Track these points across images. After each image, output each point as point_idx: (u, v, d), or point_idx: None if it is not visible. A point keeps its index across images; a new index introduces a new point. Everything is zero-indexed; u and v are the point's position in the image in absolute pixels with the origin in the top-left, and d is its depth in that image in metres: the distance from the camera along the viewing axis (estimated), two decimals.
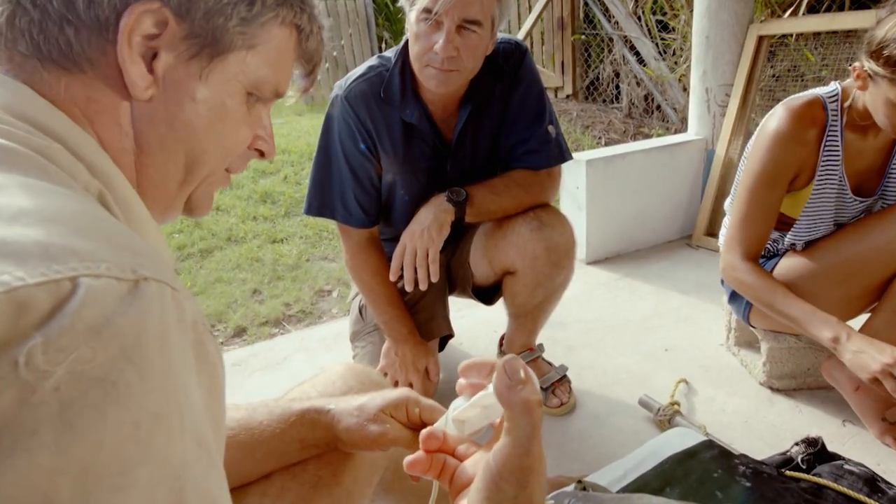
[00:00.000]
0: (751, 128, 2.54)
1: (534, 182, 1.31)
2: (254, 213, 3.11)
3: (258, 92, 0.50)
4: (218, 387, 0.36)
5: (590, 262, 2.38)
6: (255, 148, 0.55)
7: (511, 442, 0.39)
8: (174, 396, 0.29)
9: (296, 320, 2.15)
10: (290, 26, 0.50)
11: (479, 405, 0.45)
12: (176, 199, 0.51)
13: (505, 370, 0.39)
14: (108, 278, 0.28)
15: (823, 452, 1.14)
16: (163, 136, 0.46)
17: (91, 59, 0.42)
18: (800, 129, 1.23)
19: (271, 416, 0.67)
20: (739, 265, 1.31)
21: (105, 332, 0.27)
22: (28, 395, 0.24)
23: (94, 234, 0.31)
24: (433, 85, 1.16)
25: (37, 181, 0.33)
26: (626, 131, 4.28)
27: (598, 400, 1.50)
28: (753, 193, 1.29)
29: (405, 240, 1.24)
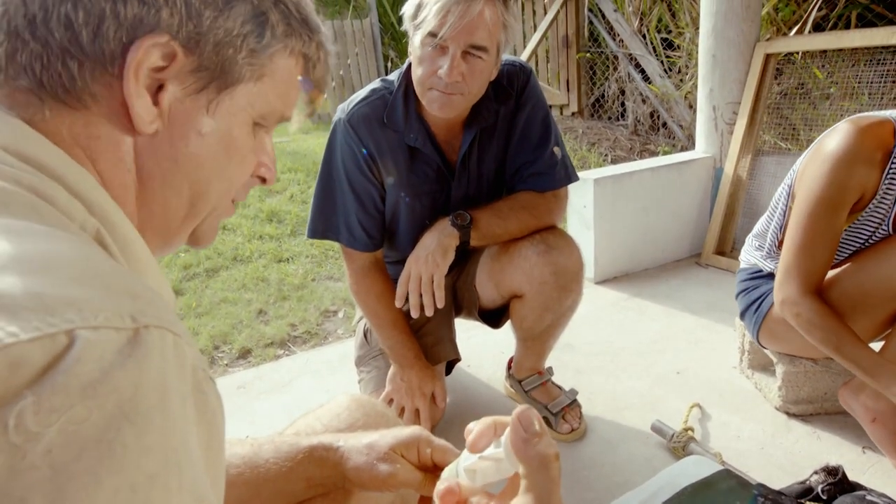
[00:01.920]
0: (759, 145, 2.52)
1: (540, 204, 1.29)
2: (260, 233, 3.11)
3: (264, 121, 0.49)
4: (217, 436, 0.34)
5: (598, 281, 2.36)
6: (257, 175, 0.54)
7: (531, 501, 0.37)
8: (172, 455, 0.28)
9: (301, 341, 2.13)
10: (297, 55, 0.49)
11: (490, 459, 0.43)
12: (179, 233, 0.50)
13: (519, 422, 0.38)
14: (106, 329, 0.27)
15: (844, 482, 1.10)
16: (166, 171, 0.45)
17: (94, 94, 0.41)
18: (869, 148, 1.14)
19: (278, 454, 0.65)
20: (801, 301, 1.20)
21: (101, 389, 0.25)
22: (17, 460, 0.23)
23: (90, 281, 0.30)
24: (436, 108, 1.15)
25: (29, 223, 0.32)
26: (633, 148, 4.27)
27: (609, 425, 1.46)
28: (815, 219, 1.19)
29: (410, 265, 1.22)
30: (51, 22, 0.38)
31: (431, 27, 1.06)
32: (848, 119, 1.19)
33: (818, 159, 1.20)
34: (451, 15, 1.03)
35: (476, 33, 1.07)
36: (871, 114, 1.20)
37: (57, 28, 0.39)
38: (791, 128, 3.02)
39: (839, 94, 2.91)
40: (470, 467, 0.46)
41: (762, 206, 2.42)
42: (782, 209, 1.34)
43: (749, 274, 1.46)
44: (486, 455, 0.44)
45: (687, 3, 3.66)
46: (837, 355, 1.18)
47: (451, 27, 1.04)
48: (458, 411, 1.51)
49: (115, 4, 0.39)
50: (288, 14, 0.47)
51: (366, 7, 6.76)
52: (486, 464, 0.44)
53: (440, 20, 1.05)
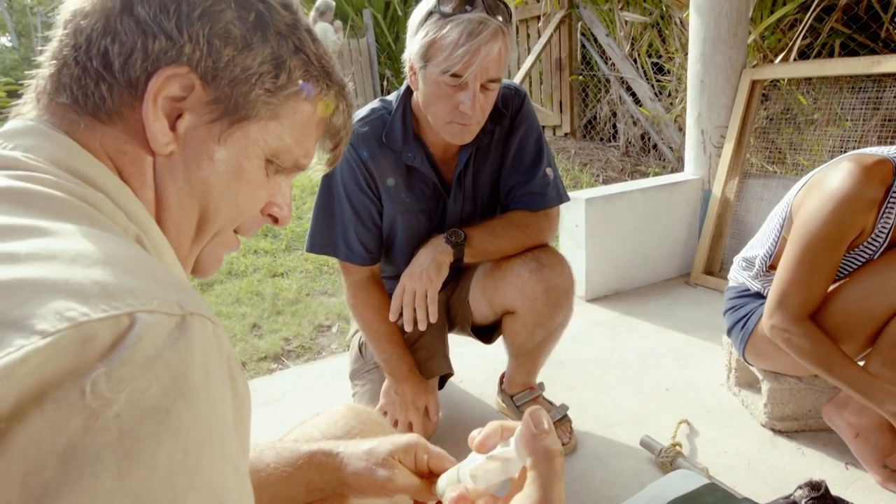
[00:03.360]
0: (746, 168, 2.58)
1: (532, 223, 1.33)
2: (255, 247, 3.13)
3: (278, 161, 0.52)
4: (245, 420, 0.38)
5: (589, 299, 2.39)
6: (269, 214, 0.57)
7: (534, 491, 0.40)
8: (215, 427, 0.32)
9: (295, 356, 2.14)
10: (315, 102, 0.52)
11: (498, 459, 0.46)
12: (188, 258, 0.53)
13: (531, 419, 0.42)
14: (159, 314, 0.31)
15: (827, 496, 1.13)
16: (180, 191, 0.48)
17: (121, 114, 0.45)
18: (872, 189, 1.16)
19: (279, 459, 0.67)
20: (792, 328, 1.23)
21: (158, 364, 0.29)
22: (92, 421, 0.27)
23: (142, 274, 0.34)
24: (456, 139, 1.21)
25: (87, 227, 0.36)
26: (624, 169, 4.34)
27: (598, 440, 1.49)
28: (814, 254, 1.20)
29: (404, 280, 1.26)
30: (91, 51, 0.44)
31: (456, 69, 1.09)
32: (850, 157, 1.20)
33: (820, 196, 1.20)
34: (476, 57, 1.07)
35: (492, 68, 1.12)
36: (872, 151, 1.21)
37: (96, 57, 0.44)
38: (777, 151, 3.10)
39: (823, 119, 3.00)
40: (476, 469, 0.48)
41: (749, 228, 2.48)
42: (775, 237, 1.36)
43: (737, 292, 1.50)
44: (495, 454, 0.47)
45: (677, 30, 3.76)
46: (830, 376, 1.20)
47: (476, 69, 1.08)
48: (451, 425, 1.53)
49: (145, 39, 0.44)
50: (308, 62, 0.50)
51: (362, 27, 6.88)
52: (493, 464, 0.47)
53: (465, 62, 1.08)
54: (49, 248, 0.32)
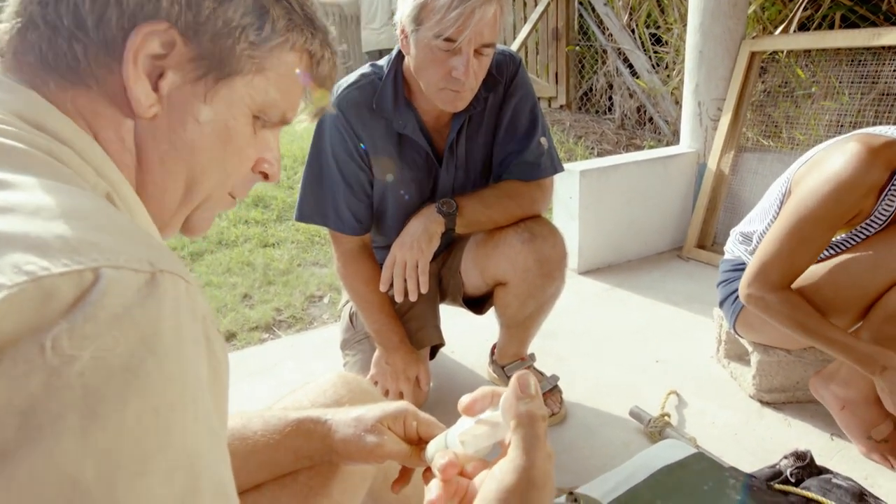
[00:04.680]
0: (742, 142, 2.56)
1: (525, 194, 1.31)
2: (245, 217, 3.09)
3: (265, 116, 0.50)
4: (222, 383, 0.37)
5: (582, 272, 2.39)
6: (259, 171, 0.55)
7: (516, 455, 0.40)
8: (189, 388, 0.30)
9: (286, 326, 2.13)
10: (300, 51, 0.50)
11: (487, 423, 0.46)
12: (174, 219, 0.51)
13: (518, 382, 0.41)
14: (127, 270, 0.30)
15: (812, 466, 1.14)
16: (164, 155, 0.46)
17: (97, 77, 0.42)
18: (876, 173, 1.12)
19: (266, 427, 0.66)
20: (769, 296, 1.23)
21: (125, 322, 0.28)
22: (54, 379, 0.25)
23: (110, 228, 0.32)
24: (449, 106, 1.17)
25: (51, 181, 0.34)
26: (619, 142, 4.31)
27: (588, 411, 1.50)
28: (804, 232, 1.18)
29: (395, 251, 1.24)
30: (60, 9, 0.41)
31: (449, 33, 1.05)
32: (858, 137, 1.17)
33: (821, 175, 1.17)
34: (470, 20, 1.04)
35: (486, 32, 1.08)
36: (881, 132, 1.18)
37: (66, 14, 0.41)
38: (773, 125, 3.07)
39: (821, 93, 2.97)
40: (464, 434, 0.48)
41: (743, 202, 2.47)
42: (774, 213, 1.34)
43: (732, 265, 1.50)
44: (483, 419, 0.46)
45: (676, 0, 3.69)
46: (807, 336, 1.21)
47: (471, 33, 1.05)
48: (442, 396, 1.53)
49: None
50: (290, 10, 0.48)
51: None
52: (481, 429, 0.46)
53: (459, 26, 1.04)
54: (7, 200, 0.30)
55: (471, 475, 0.48)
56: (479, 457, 0.48)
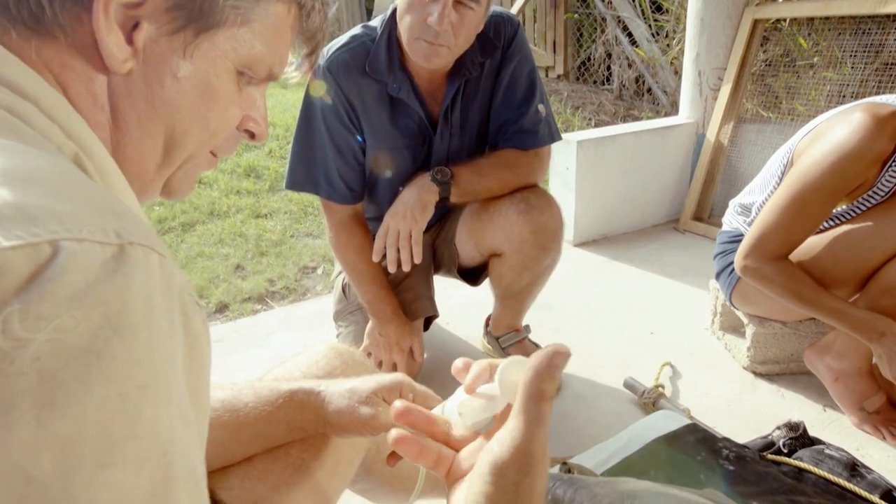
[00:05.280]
0: (741, 113, 2.52)
1: (522, 163, 1.28)
2: (237, 188, 3.05)
3: (251, 71, 0.46)
4: (201, 361, 0.34)
5: (577, 244, 2.37)
6: (244, 129, 0.51)
7: (518, 427, 0.38)
8: (161, 369, 0.28)
9: (280, 297, 2.11)
10: (289, 2, 0.46)
11: (483, 396, 0.44)
12: (153, 181, 0.48)
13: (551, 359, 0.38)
14: (91, 242, 0.27)
15: (804, 437, 1.15)
16: (141, 114, 0.43)
17: (64, 27, 0.38)
18: (881, 143, 1.09)
19: (258, 398, 0.65)
20: (767, 267, 1.21)
21: (88, 300, 0.25)
22: (6, 365, 0.23)
23: (74, 196, 0.29)
24: (421, 58, 1.12)
25: (9, 141, 0.31)
26: (617, 113, 4.25)
27: (583, 382, 1.50)
28: (805, 203, 1.16)
29: (388, 220, 1.21)
30: None
31: None
32: (865, 106, 1.13)
33: (825, 145, 1.14)
34: None
35: None
36: (888, 101, 1.14)
37: None
38: (773, 97, 3.03)
39: (822, 63, 2.92)
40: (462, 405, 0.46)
41: (741, 174, 2.44)
42: (774, 185, 1.32)
43: (730, 237, 1.48)
44: (481, 391, 0.45)
45: None
46: (802, 305, 1.21)
47: None
48: (436, 367, 1.53)
49: None
50: None
51: None
52: (478, 401, 0.45)
53: None
54: None
55: (456, 447, 0.47)
56: (475, 429, 0.47)
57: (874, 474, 1.03)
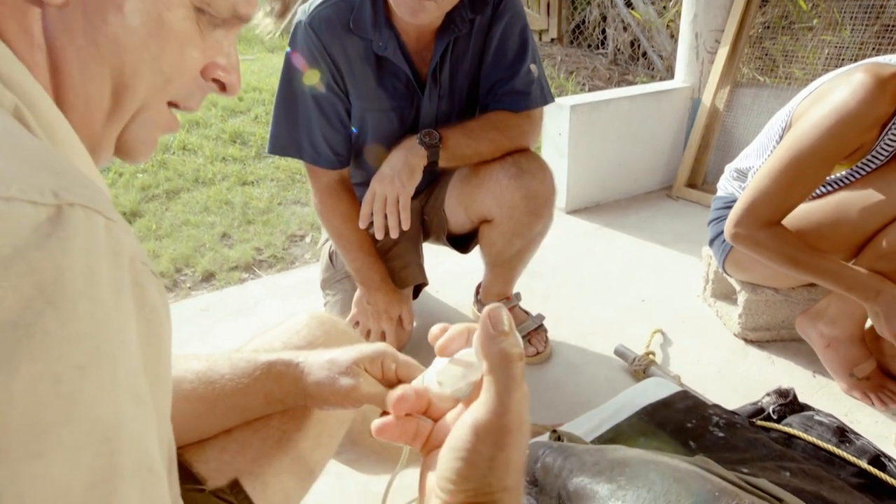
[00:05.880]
0: (738, 77, 2.47)
1: (513, 125, 1.24)
2: (223, 154, 2.98)
3: (210, 8, 0.41)
4: (158, 334, 0.31)
5: (570, 211, 2.34)
6: (212, 79, 0.46)
7: (489, 399, 0.35)
8: (105, 345, 0.25)
9: (267, 265, 2.08)
10: None
11: (461, 362, 0.41)
12: (104, 136, 0.43)
13: (489, 319, 0.36)
14: (21, 202, 0.23)
15: (794, 403, 1.14)
16: (82, 53, 0.38)
17: None
18: (882, 105, 1.05)
19: (234, 370, 0.62)
20: (759, 234, 1.18)
21: (16, 268, 0.22)
22: None
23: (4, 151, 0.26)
24: (407, 14, 1.06)
25: None
26: (611, 78, 4.17)
27: (574, 349, 1.49)
28: (801, 168, 1.12)
29: (375, 185, 1.17)
30: None
31: None
32: (866, 67, 1.08)
33: (825, 107, 1.11)
34: None
35: None
36: (890, 61, 1.10)
37: None
38: (771, 61, 2.96)
39: (821, 26, 2.85)
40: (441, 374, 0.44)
41: (736, 139, 2.41)
42: (772, 149, 1.28)
43: (724, 202, 1.46)
44: (458, 358, 0.42)
45: None
46: (798, 269, 1.18)
47: None
48: (426, 336, 1.50)
49: None
50: None
51: None
52: (456, 368, 0.42)
53: None
54: None
55: (435, 416, 0.44)
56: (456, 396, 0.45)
57: (862, 440, 1.03)
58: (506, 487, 0.36)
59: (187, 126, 3.31)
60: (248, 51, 5.10)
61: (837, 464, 0.98)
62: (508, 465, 0.36)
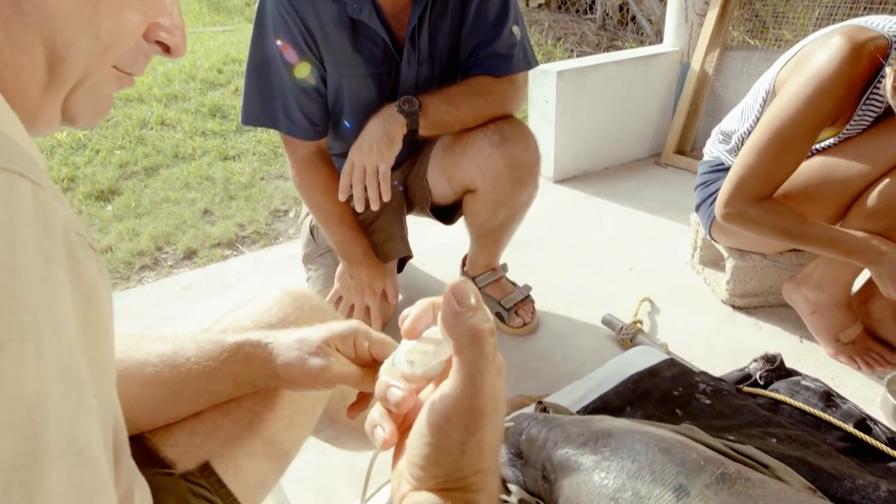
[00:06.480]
0: (728, 40, 2.42)
1: (495, 90, 1.19)
2: (202, 129, 2.90)
3: None
4: (99, 314, 0.29)
5: (557, 180, 2.31)
6: (155, 41, 0.43)
7: (459, 380, 0.33)
8: (28, 318, 0.23)
9: (250, 242, 2.04)
10: None
11: (431, 340, 0.38)
12: (43, 106, 0.39)
13: (453, 294, 0.33)
14: None
15: (781, 368, 1.14)
16: (8, 22, 0.34)
17: None
18: (858, 72, 1.03)
19: (200, 352, 0.59)
20: (751, 210, 1.15)
21: None
22: None
23: None
24: None
25: None
26: (600, 44, 4.09)
27: (561, 320, 1.47)
28: (786, 140, 1.10)
29: (353, 156, 1.13)
30: None
31: None
32: (844, 30, 1.06)
33: (803, 75, 1.08)
34: None
35: None
36: (870, 24, 1.07)
37: None
38: (761, 23, 2.91)
39: None
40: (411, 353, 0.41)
41: (726, 104, 2.37)
42: (757, 112, 1.25)
43: (710, 167, 1.43)
44: (427, 335, 0.39)
45: None
46: (793, 240, 1.16)
47: None
48: None
49: None
50: None
51: None
52: (426, 347, 0.39)
53: None
54: None
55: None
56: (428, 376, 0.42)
57: (849, 404, 1.03)
58: (479, 470, 0.34)
59: (165, 100, 3.22)
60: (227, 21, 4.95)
61: (824, 428, 0.98)
62: (482, 449, 0.33)
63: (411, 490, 0.35)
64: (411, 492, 0.35)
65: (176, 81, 3.43)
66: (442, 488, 0.34)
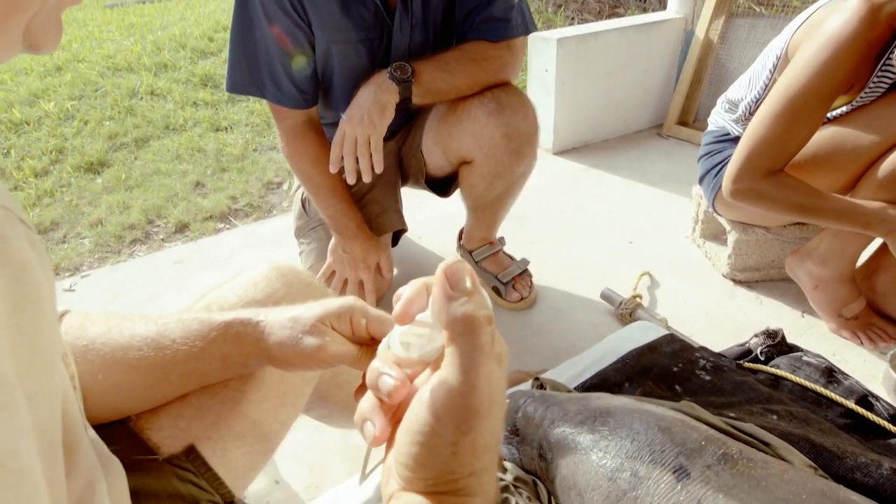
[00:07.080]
0: (733, 7, 2.34)
1: (492, 57, 1.14)
2: (193, 99, 2.83)
3: None
4: (35, 299, 0.26)
5: (557, 152, 2.26)
6: None
7: (451, 374, 0.30)
8: None
9: (243, 215, 2.00)
10: None
11: (425, 324, 0.35)
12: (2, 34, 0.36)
13: (445, 276, 0.29)
14: None
15: (782, 344, 1.12)
16: None
17: None
18: (875, 35, 0.98)
19: (187, 333, 0.56)
20: (762, 185, 1.10)
21: None
22: None
23: None
24: None
25: None
26: (601, 12, 3.98)
27: (559, 294, 1.45)
28: (798, 110, 1.05)
29: (343, 126, 1.08)
30: None
31: None
32: None
33: (816, 41, 1.03)
34: None
35: None
36: None
37: None
38: None
39: None
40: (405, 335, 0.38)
41: (730, 74, 2.31)
42: (766, 79, 1.20)
43: (715, 137, 1.39)
44: (421, 319, 0.36)
45: None
46: (807, 215, 1.12)
47: None
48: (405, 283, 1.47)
49: None
50: None
51: None
52: (421, 330, 0.36)
53: None
54: None
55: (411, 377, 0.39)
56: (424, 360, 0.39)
57: (850, 380, 1.01)
58: (473, 472, 0.31)
59: (155, 69, 3.14)
60: None
61: (825, 404, 0.96)
62: (476, 449, 0.30)
63: (399, 490, 0.32)
64: (399, 492, 0.32)
65: (165, 50, 3.34)
66: (432, 491, 0.31)
